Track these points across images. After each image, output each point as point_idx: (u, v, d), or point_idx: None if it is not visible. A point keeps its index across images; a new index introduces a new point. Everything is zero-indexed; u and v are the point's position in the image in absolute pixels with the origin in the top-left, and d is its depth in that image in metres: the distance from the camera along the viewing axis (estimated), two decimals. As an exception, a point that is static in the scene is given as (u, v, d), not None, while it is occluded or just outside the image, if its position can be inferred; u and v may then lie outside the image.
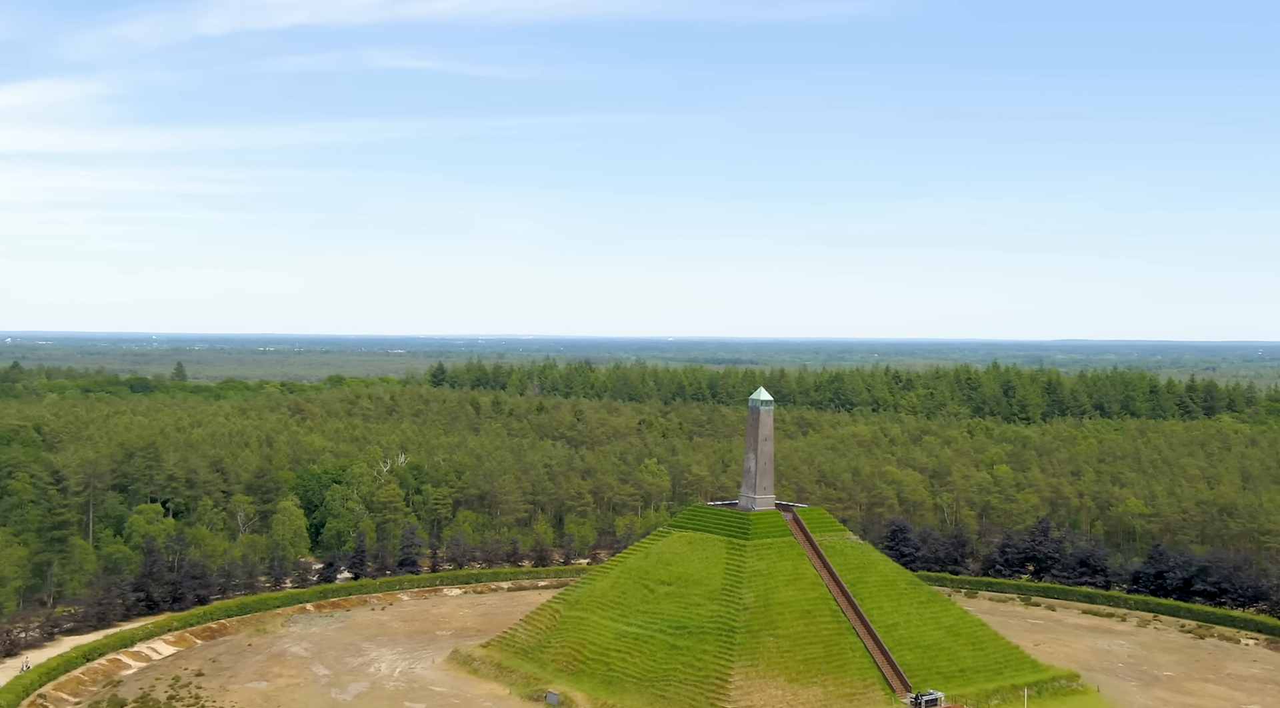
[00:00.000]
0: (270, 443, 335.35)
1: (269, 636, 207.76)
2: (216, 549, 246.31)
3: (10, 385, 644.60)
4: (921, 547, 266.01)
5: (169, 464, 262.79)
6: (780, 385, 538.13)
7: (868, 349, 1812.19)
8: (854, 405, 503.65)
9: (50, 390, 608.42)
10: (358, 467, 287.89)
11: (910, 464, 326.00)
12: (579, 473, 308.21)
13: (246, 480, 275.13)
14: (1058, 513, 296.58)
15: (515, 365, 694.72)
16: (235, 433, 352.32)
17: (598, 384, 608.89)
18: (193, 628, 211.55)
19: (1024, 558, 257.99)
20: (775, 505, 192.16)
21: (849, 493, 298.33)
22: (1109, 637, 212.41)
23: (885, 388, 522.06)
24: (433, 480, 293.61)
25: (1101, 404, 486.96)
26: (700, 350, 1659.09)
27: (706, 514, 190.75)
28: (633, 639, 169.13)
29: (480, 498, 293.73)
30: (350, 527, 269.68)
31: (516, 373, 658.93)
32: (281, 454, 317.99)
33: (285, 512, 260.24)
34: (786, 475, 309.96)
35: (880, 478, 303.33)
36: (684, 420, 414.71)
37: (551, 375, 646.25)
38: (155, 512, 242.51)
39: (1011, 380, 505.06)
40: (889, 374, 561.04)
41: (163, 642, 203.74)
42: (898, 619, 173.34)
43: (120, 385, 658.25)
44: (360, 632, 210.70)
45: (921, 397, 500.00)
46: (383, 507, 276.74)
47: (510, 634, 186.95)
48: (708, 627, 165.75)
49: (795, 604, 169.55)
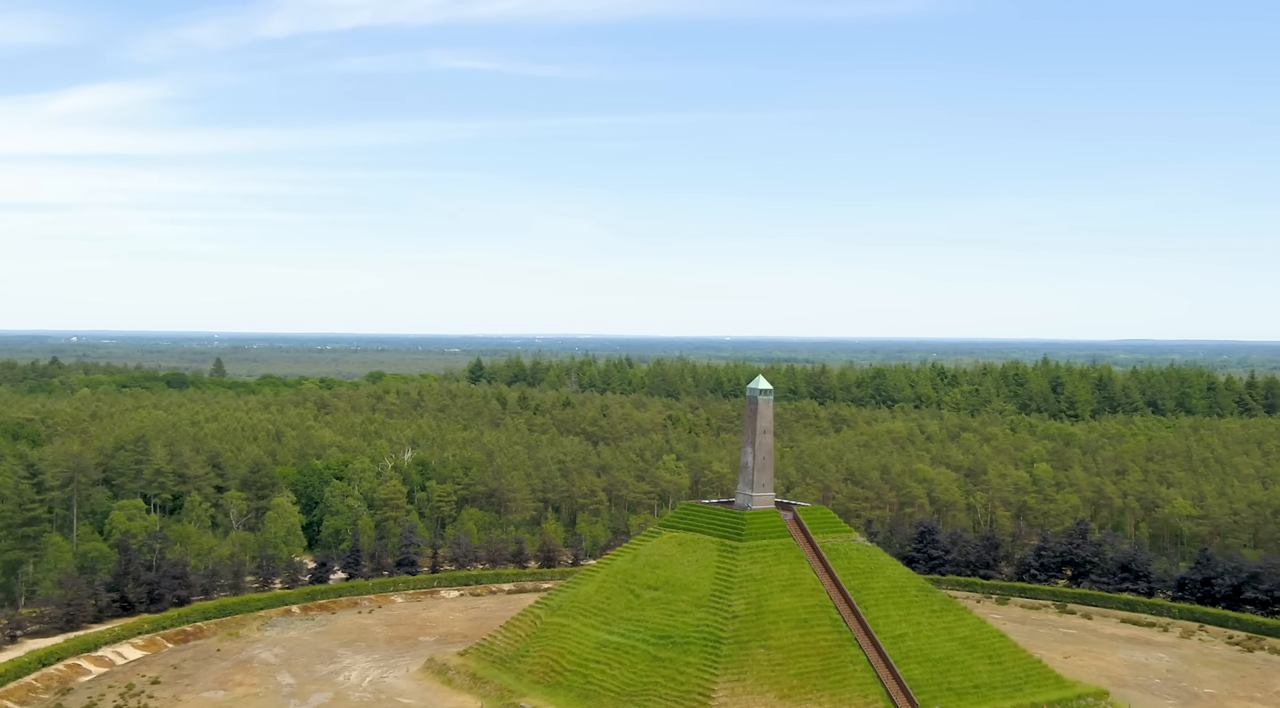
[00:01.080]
0: (279, 437, 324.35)
1: (241, 640, 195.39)
2: (204, 547, 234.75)
3: (46, 381, 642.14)
4: (951, 549, 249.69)
5: (157, 458, 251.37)
6: (821, 382, 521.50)
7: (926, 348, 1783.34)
8: (896, 402, 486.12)
9: (85, 386, 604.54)
10: (359, 462, 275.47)
11: (945, 462, 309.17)
12: (594, 470, 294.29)
13: (241, 476, 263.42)
14: (1100, 514, 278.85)
15: (554, 362, 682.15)
16: (245, 427, 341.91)
17: (635, 381, 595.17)
18: (165, 631, 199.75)
19: (1061, 562, 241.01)
20: (775, 504, 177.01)
21: (877, 492, 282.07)
22: (1148, 649, 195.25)
23: (929, 384, 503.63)
24: (439, 477, 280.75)
25: (1155, 401, 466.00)
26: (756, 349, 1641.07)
27: (699, 513, 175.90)
28: (614, 649, 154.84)
29: (489, 496, 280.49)
30: (349, 525, 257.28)
31: (554, 369, 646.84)
32: (287, 449, 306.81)
33: (279, 509, 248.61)
34: (812, 473, 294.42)
35: (910, 476, 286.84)
36: (713, 416, 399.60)
37: (590, 372, 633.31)
38: (137, 508, 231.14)
39: (1060, 376, 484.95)
40: (934, 370, 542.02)
41: (130, 646, 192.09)
42: (906, 629, 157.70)
43: (157, 381, 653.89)
44: (339, 637, 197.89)
45: (966, 393, 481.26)
46: (384, 504, 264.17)
47: (489, 642, 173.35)
48: (693, 637, 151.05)
49: (791, 612, 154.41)
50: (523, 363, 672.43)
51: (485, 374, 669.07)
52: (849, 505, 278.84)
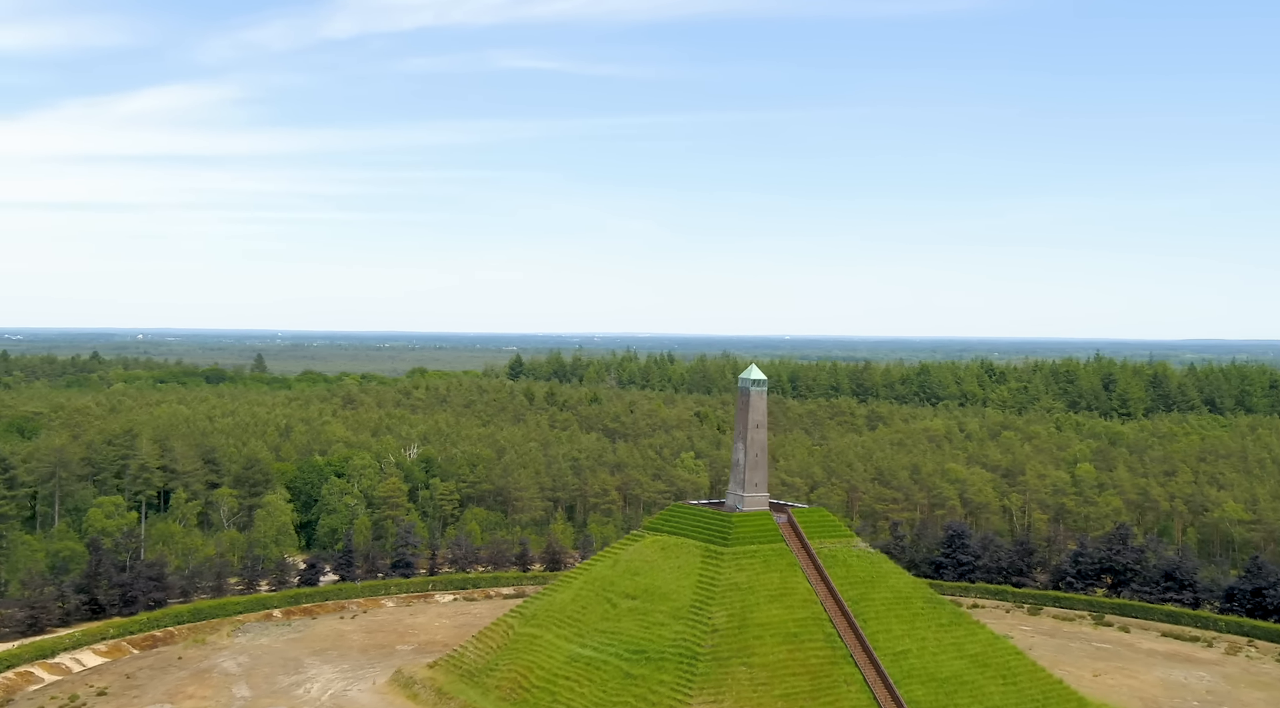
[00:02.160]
0: (287, 433, 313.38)
1: (207, 648, 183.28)
2: (189, 546, 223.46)
3: (85, 376, 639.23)
4: (982, 555, 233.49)
5: (143, 454, 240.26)
6: (863, 378, 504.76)
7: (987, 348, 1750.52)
8: (940, 399, 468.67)
9: (123, 381, 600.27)
10: (360, 459, 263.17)
11: (981, 462, 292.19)
12: (609, 468, 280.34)
13: (235, 472, 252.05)
14: (1145, 518, 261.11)
15: (594, 358, 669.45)
16: (255, 423, 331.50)
17: (675, 377, 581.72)
18: (132, 636, 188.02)
19: (1099, 569, 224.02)
20: (769, 505, 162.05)
21: (905, 493, 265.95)
22: (1188, 666, 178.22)
23: (975, 381, 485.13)
24: (443, 474, 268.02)
25: (1213, 399, 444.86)
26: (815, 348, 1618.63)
27: (685, 515, 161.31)
28: (584, 665, 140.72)
29: (495, 494, 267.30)
30: (345, 524, 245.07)
31: (594, 365, 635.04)
32: (293, 445, 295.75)
33: (270, 506, 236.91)
34: (839, 473, 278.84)
35: (942, 476, 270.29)
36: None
37: (630, 368, 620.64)
38: (116, 505, 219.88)
39: (1113, 373, 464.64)
40: (982, 367, 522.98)
41: (92, 652, 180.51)
42: (909, 645, 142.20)
43: (195, 377, 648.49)
44: (312, 644, 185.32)
45: (1013, 390, 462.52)
46: (383, 502, 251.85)
47: (459, 653, 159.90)
48: (668, 652, 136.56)
49: (779, 625, 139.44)
50: (563, 359, 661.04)
51: (525, 370, 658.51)
52: (875, 507, 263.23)
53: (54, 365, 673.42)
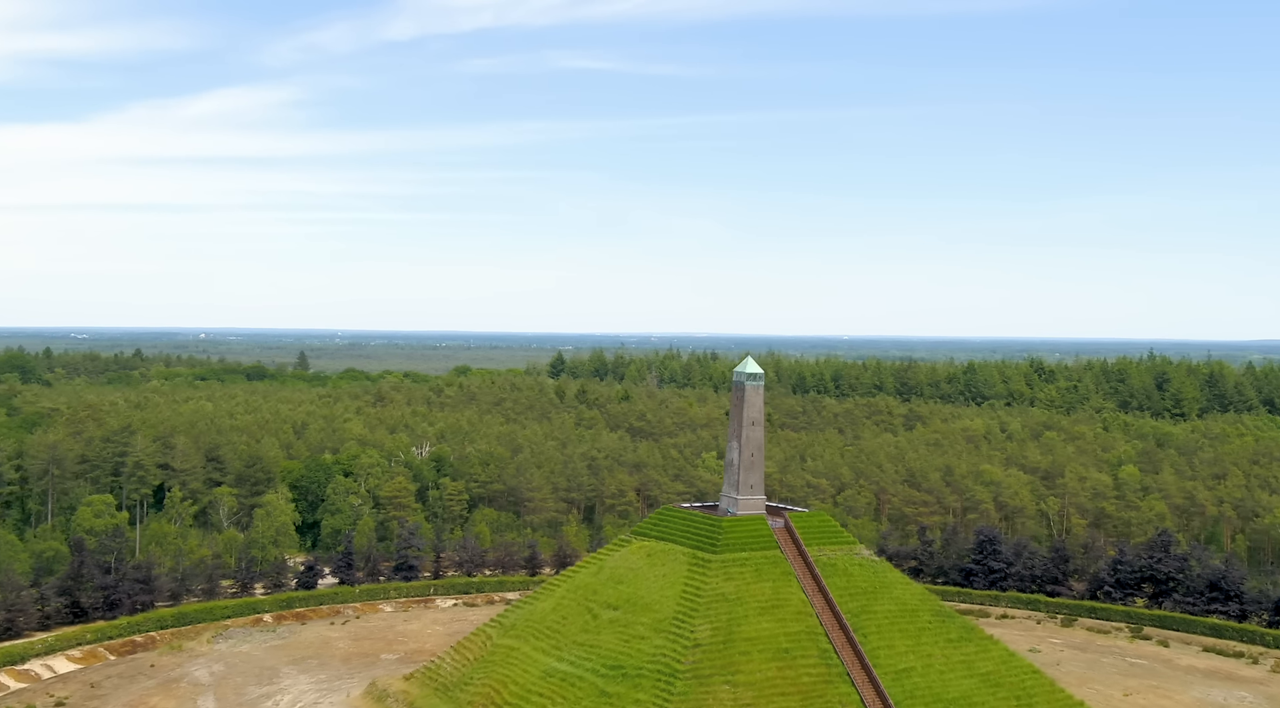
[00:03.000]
0: (302, 430, 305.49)
1: (183, 654, 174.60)
2: (183, 547, 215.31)
3: (126, 373, 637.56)
4: (1015, 562, 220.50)
5: (138, 451, 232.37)
6: (907, 377, 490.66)
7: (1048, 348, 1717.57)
8: (986, 398, 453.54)
9: (163, 378, 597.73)
10: (368, 457, 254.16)
11: (1020, 463, 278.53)
12: (628, 467, 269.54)
13: (237, 470, 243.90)
14: (1190, 524, 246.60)
15: (636, 356, 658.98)
16: (272, 420, 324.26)
17: (716, 376, 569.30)
18: (110, 642, 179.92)
19: (1139, 578, 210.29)
20: (766, 509, 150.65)
21: (937, 496, 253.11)
22: (1229, 685, 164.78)
23: (1022, 380, 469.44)
24: (455, 473, 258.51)
25: (1272, 399, 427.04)
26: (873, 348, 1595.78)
27: (674, 519, 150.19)
28: (560, 681, 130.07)
29: (507, 494, 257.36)
30: (349, 524, 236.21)
31: (636, 364, 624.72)
32: (307, 442, 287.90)
33: (270, 506, 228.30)
34: (866, 474, 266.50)
35: (976, 479, 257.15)
36: (776, 411, 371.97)
37: (672, 366, 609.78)
38: (106, 503, 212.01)
39: (1167, 372, 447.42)
40: (1032, 365, 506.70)
41: (65, 658, 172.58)
42: (913, 663, 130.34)
43: (237, 374, 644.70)
44: (294, 652, 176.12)
45: (1062, 389, 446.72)
46: (388, 502, 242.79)
47: (437, 665, 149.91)
48: (646, 668, 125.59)
49: (769, 640, 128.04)
50: (605, 358, 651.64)
51: (567, 368, 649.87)
52: (904, 510, 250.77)
53: (96, 363, 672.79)
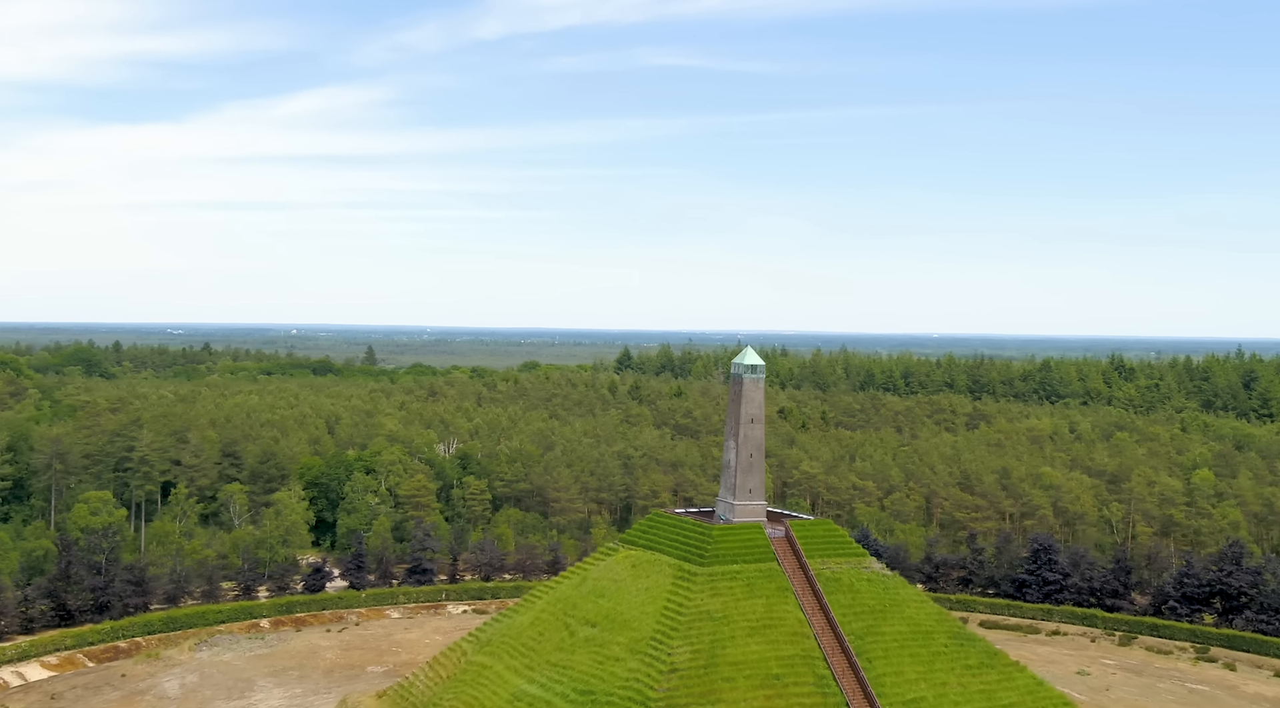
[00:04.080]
0: (334, 424, 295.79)
1: (160, 663, 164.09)
2: (187, 547, 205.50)
3: (193, 367, 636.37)
4: (1071, 573, 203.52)
5: (142, 446, 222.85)
6: (978, 374, 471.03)
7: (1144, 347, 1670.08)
8: (1061, 397, 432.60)
9: (229, 372, 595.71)
10: (389, 453, 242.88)
11: (1085, 466, 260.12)
12: (664, 466, 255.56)
13: (251, 466, 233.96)
14: (1269, 534, 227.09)
15: (703, 353, 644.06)
16: (304, 414, 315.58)
17: (784, 373, 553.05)
18: (91, 647, 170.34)
19: (1208, 593, 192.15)
20: (768, 515, 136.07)
21: (990, 500, 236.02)
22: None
23: (1100, 378, 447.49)
24: (481, 472, 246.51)
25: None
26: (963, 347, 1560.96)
27: (663, 526, 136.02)
28: (528, 705, 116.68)
29: (534, 494, 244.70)
30: (365, 524, 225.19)
31: (701, 360, 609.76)
32: (336, 437, 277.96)
33: (281, 504, 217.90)
34: (918, 476, 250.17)
35: (1034, 482, 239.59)
36: (834, 409, 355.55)
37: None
38: (103, 500, 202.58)
39: (1255, 370, 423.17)
40: (1112, 363, 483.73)
41: (40, 664, 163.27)
42: (924, 692, 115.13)
43: (303, 369, 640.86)
44: (276, 662, 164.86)
45: (1142, 388, 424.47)
46: (407, 501, 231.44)
47: (410, 682, 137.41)
48: (618, 695, 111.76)
49: (757, 665, 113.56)
50: (672, 354, 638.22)
51: (633, 365, 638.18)
52: (955, 515, 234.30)
53: (164, 356, 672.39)
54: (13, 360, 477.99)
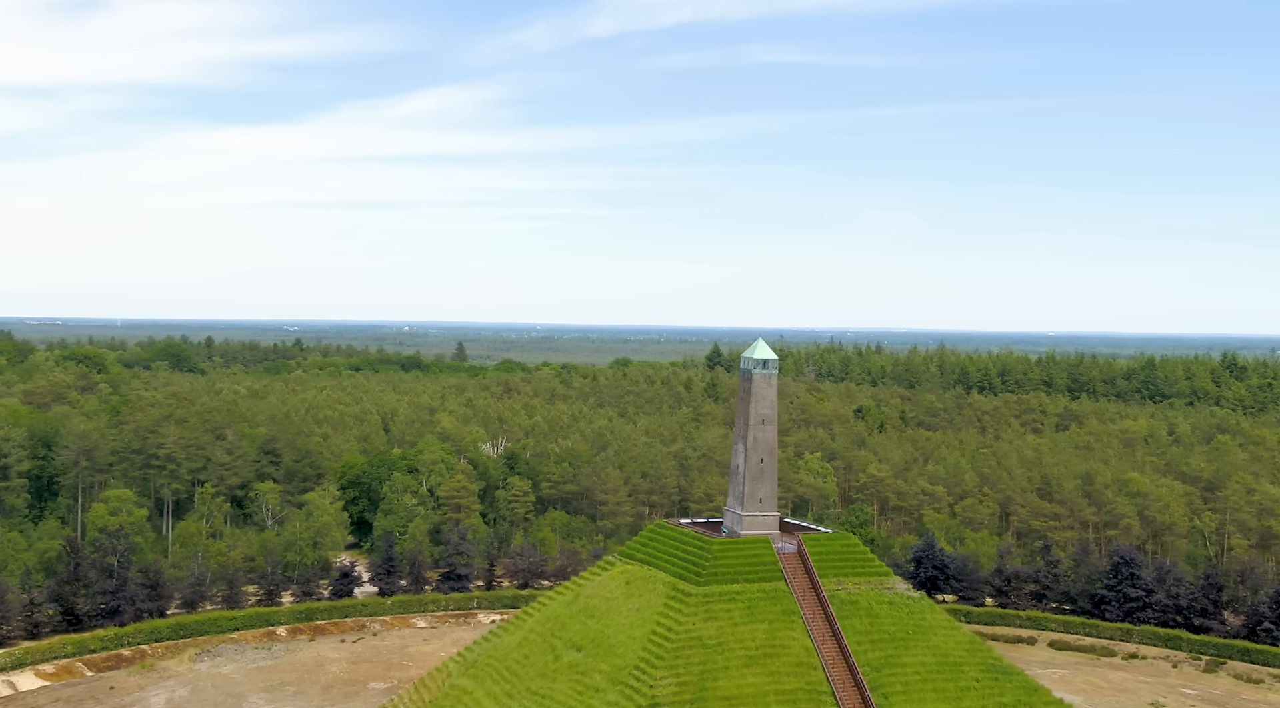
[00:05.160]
0: (389, 421, 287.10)
1: (153, 675, 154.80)
2: (209, 549, 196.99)
3: (283, 362, 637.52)
4: (1155, 589, 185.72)
5: (170, 443, 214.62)
6: (1077, 373, 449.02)
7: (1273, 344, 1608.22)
8: (1166, 397, 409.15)
9: (318, 368, 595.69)
10: (431, 452, 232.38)
11: (1179, 471, 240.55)
12: (721, 467, 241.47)
13: (286, 465, 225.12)
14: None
15: (794, 349, 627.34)
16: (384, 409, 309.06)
17: (875, 370, 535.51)
18: (92, 655, 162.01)
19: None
20: (784, 526, 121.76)
21: (1070, 507, 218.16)
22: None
23: (1209, 377, 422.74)
24: (529, 472, 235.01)
25: None
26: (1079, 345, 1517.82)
27: (664, 539, 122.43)
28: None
29: (582, 496, 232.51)
30: (401, 526, 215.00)
31: (793, 357, 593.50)
32: (391, 434, 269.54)
33: (312, 505, 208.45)
34: (991, 481, 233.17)
35: (1120, 488, 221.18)
36: (915, 408, 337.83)
37: (830, 359, 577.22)
38: (123, 499, 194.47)
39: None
40: (1224, 361, 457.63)
41: (34, 673, 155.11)
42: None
43: (391, 365, 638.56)
44: (276, 676, 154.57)
45: (1253, 388, 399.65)
46: (446, 503, 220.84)
47: (392, 706, 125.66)
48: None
49: (754, 700, 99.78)
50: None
51: (723, 362, 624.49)
52: (1032, 523, 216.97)
53: (255, 352, 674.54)
54: (97, 355, 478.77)
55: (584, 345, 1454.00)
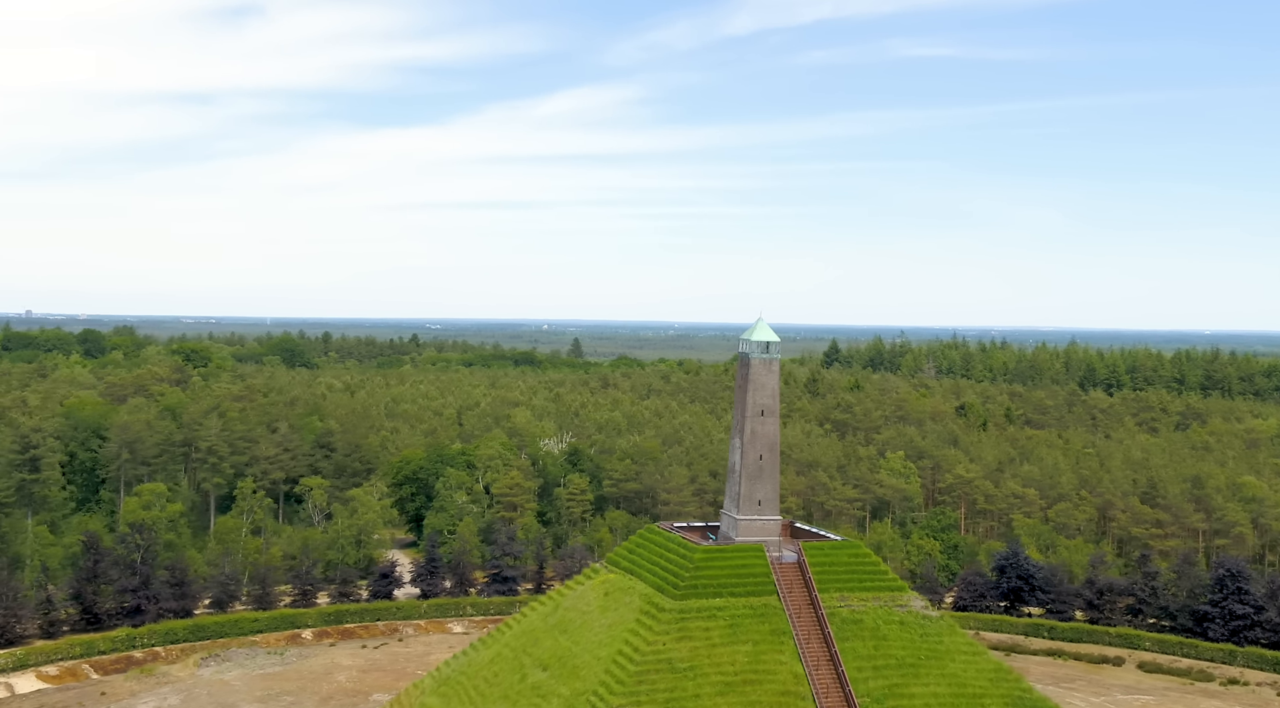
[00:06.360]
0: (461, 415, 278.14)
1: (151, 681, 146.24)
2: (245, 546, 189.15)
3: (398, 357, 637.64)
4: (1267, 606, 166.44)
5: (211, 436, 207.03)
6: (1212, 369, 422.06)
7: None
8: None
9: (430, 363, 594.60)
10: (488, 447, 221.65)
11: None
12: (798, 466, 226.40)
13: (337, 460, 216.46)
14: None
15: (915, 346, 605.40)
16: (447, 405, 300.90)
17: (997, 367, 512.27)
18: (101, 657, 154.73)
19: None
20: (794, 532, 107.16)
21: (1175, 514, 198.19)
22: None
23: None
24: (593, 470, 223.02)
25: None
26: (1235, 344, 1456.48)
27: (651, 545, 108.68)
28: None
29: (645, 495, 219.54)
30: (452, 524, 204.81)
31: (912, 354, 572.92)
32: (460, 428, 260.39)
33: (358, 501, 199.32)
34: (1091, 483, 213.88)
35: (1233, 494, 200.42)
36: (1024, 406, 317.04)
37: (950, 356, 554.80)
38: (157, 493, 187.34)
39: None
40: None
41: (36, 675, 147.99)
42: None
43: (504, 360, 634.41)
44: (279, 684, 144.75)
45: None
46: (499, 501, 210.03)
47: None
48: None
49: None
50: (883, 346, 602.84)
51: (841, 358, 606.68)
52: (1132, 531, 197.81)
53: (371, 347, 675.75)
54: (205, 349, 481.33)
55: (718, 344, 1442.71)
